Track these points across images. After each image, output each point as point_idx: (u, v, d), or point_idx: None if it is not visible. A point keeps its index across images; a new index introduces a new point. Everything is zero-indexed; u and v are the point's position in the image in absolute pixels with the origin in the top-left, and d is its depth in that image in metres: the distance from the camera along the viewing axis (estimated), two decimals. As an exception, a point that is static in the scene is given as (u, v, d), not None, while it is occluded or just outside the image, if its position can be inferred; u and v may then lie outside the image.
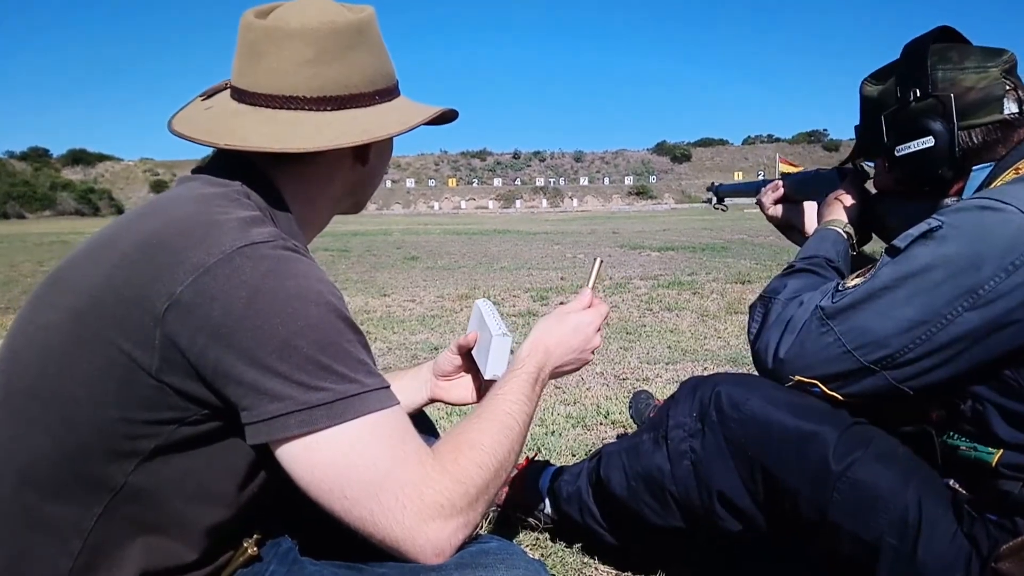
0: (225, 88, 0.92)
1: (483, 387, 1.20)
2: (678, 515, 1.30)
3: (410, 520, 0.72)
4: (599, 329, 1.11)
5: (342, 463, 0.72)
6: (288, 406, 0.71)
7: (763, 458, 1.17)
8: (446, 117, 1.00)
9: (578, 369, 1.11)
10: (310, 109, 0.86)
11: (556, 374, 1.07)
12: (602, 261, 1.20)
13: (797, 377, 1.16)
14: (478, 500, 0.77)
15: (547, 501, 1.63)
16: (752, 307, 1.30)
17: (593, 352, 1.11)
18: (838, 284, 1.17)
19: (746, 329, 1.30)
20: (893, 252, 1.12)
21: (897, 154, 1.23)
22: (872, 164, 1.41)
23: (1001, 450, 1.06)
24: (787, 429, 1.15)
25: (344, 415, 0.72)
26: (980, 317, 1.02)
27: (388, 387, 0.77)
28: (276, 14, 0.87)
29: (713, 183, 2.10)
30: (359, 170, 0.95)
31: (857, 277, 1.15)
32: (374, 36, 0.92)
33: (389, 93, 0.94)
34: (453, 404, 1.25)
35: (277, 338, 0.70)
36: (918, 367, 1.08)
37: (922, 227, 1.09)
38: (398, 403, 0.78)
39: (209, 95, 0.93)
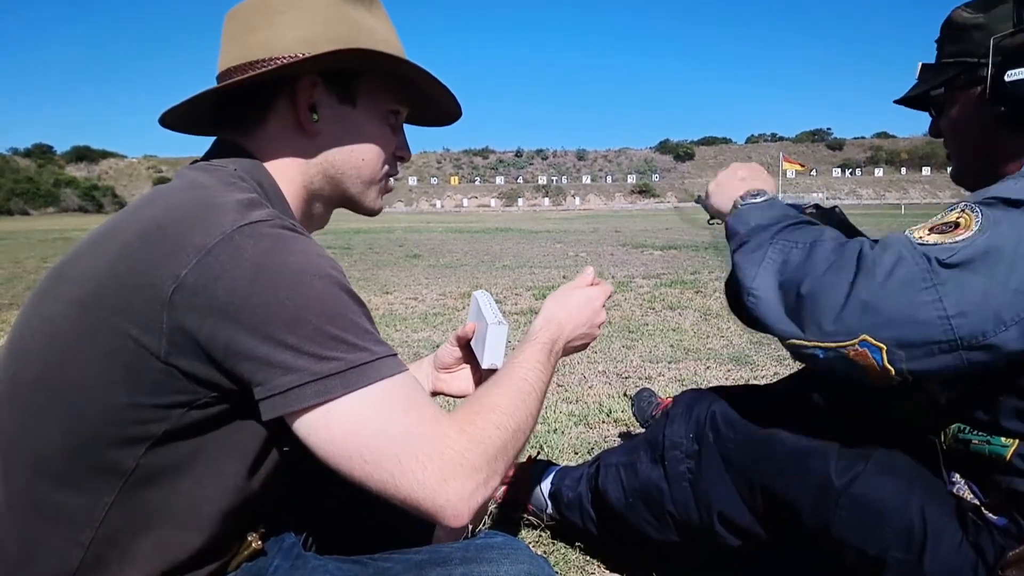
0: None
1: (483, 378, 1.20)
2: (676, 532, 1.30)
3: (431, 480, 0.72)
4: (604, 305, 1.12)
5: (360, 429, 0.72)
6: (302, 377, 0.71)
7: (763, 476, 1.16)
8: (439, 110, 1.01)
9: (587, 345, 1.12)
10: (236, 76, 0.88)
11: (568, 349, 1.08)
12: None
13: (864, 335, 0.96)
14: (497, 459, 0.77)
15: (549, 502, 1.63)
16: (758, 246, 1.11)
17: (599, 327, 1.12)
18: (911, 237, 0.99)
19: (743, 279, 1.10)
20: (1016, 204, 0.94)
21: (1007, 79, 1.11)
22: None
23: (1016, 442, 1.02)
24: (785, 446, 1.14)
25: (358, 382, 0.72)
26: None
27: (396, 354, 0.78)
28: None
29: (698, 195, 1.96)
30: (307, 143, 0.92)
31: (937, 233, 0.97)
32: (317, 4, 0.90)
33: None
34: (454, 396, 1.25)
35: (285, 312, 0.71)
36: (1003, 345, 0.93)
37: None
38: (407, 369, 0.78)
39: None
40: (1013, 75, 1.09)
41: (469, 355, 1.23)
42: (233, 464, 0.79)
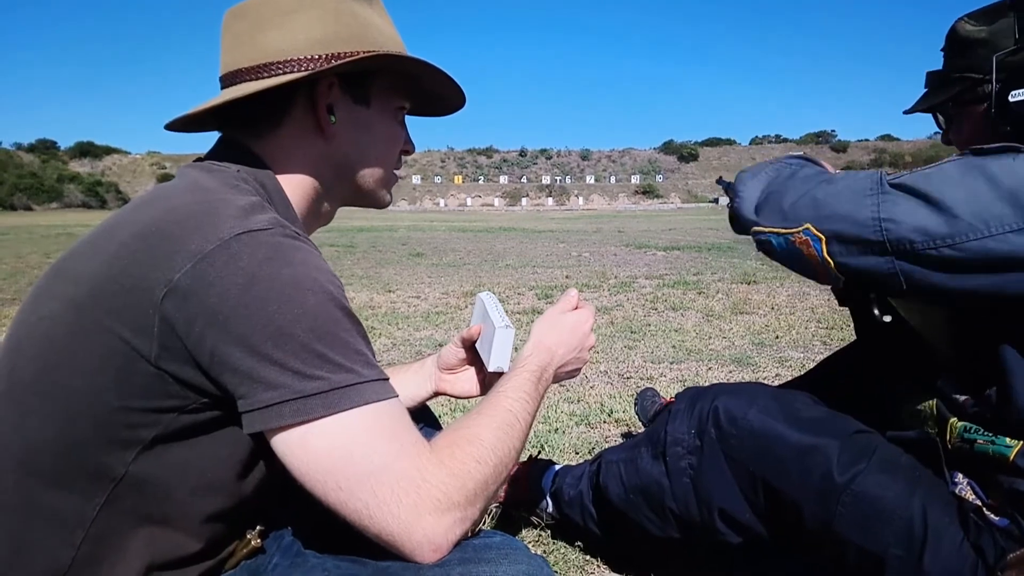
0: None
1: (487, 380, 1.20)
2: (676, 528, 1.29)
3: (406, 514, 0.71)
4: (592, 329, 1.12)
5: (337, 454, 0.71)
6: (283, 394, 0.70)
7: (765, 473, 1.16)
8: (443, 104, 1.01)
9: (579, 371, 1.11)
10: (252, 78, 0.86)
11: (559, 376, 1.06)
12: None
13: (807, 224, 1.08)
14: (476, 496, 0.75)
15: (549, 500, 1.63)
16: (751, 169, 1.24)
17: (589, 351, 1.11)
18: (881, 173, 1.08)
19: (735, 192, 1.23)
20: (977, 152, 1.03)
21: (1011, 100, 1.12)
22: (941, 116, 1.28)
23: (1021, 443, 1.03)
24: (788, 443, 1.14)
25: (339, 405, 0.71)
26: (1020, 246, 0.95)
27: (387, 379, 0.76)
28: None
29: (721, 177, 2.06)
30: (324, 145, 0.91)
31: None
32: (326, 2, 0.89)
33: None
34: (457, 397, 1.24)
35: (272, 325, 0.70)
36: (931, 266, 1.01)
37: (1006, 144, 1.01)
38: (396, 395, 0.77)
39: None
40: (1017, 95, 1.11)
41: (474, 356, 1.22)
42: (225, 470, 0.78)
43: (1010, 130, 1.13)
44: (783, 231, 1.11)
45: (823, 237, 1.07)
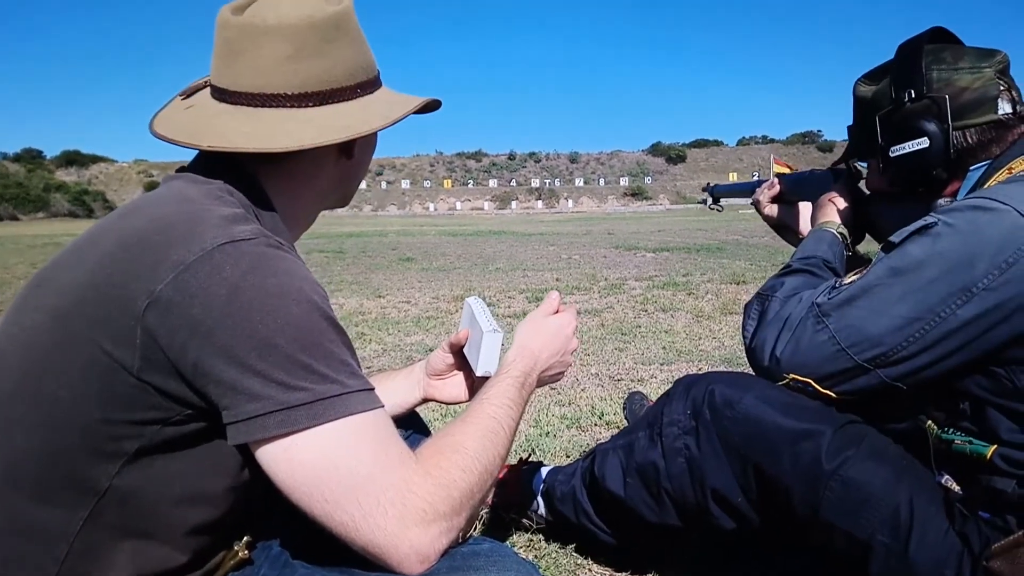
0: (205, 86, 0.90)
1: (475, 385, 1.20)
2: (673, 512, 1.30)
3: (392, 525, 0.70)
4: (575, 332, 1.12)
5: (322, 465, 0.70)
6: (267, 406, 0.69)
7: (756, 457, 1.17)
8: (430, 106, 0.99)
9: (562, 375, 1.12)
10: (291, 106, 0.85)
11: (543, 380, 1.07)
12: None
13: (791, 375, 1.16)
14: (462, 505, 0.75)
15: (541, 502, 1.63)
16: (748, 305, 1.29)
17: (572, 354, 1.12)
18: (835, 282, 1.17)
19: (741, 327, 1.29)
20: (888, 248, 1.13)
21: (892, 155, 1.24)
22: (865, 164, 1.42)
23: (996, 444, 1.06)
24: (780, 428, 1.15)
25: (324, 416, 0.70)
26: (974, 315, 1.03)
27: (372, 389, 0.76)
28: (252, 10, 0.85)
29: (708, 183, 2.13)
30: (344, 164, 0.93)
31: (854, 275, 1.15)
32: (353, 28, 0.90)
33: (371, 85, 0.93)
34: (446, 403, 1.24)
35: (256, 336, 0.69)
36: (912, 364, 1.08)
37: (918, 224, 1.10)
38: (382, 406, 0.76)
39: (189, 93, 0.91)
40: (897, 150, 1.23)
41: (462, 361, 1.22)
42: (210, 482, 0.78)
43: (897, 182, 1.27)
44: (778, 382, 1.18)
45: (809, 380, 1.15)
